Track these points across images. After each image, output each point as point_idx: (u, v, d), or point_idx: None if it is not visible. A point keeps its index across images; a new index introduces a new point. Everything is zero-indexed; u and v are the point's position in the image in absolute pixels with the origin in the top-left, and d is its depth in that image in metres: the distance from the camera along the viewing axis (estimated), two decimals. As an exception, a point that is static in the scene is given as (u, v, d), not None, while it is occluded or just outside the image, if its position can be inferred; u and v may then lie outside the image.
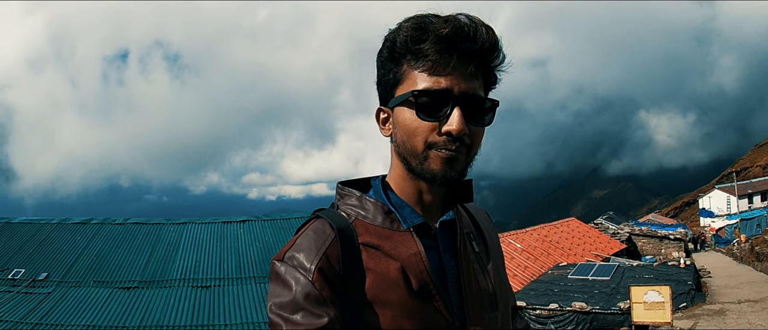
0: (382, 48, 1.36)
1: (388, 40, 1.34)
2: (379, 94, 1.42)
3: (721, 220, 55.54)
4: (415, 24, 1.28)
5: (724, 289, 20.53)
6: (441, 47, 1.26)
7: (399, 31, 1.31)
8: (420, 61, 1.29)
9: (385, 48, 1.35)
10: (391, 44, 1.33)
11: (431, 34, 1.26)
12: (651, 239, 39.86)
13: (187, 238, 21.69)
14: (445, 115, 1.28)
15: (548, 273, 23.86)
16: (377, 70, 1.40)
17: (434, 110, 1.29)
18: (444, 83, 1.28)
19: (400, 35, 1.30)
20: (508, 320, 1.54)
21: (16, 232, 21.65)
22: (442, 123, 1.29)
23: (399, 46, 1.31)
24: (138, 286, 18.29)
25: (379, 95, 1.43)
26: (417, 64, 1.30)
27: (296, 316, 1.22)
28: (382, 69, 1.38)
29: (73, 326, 15.48)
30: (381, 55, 1.37)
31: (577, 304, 17.98)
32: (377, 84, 1.42)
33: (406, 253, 1.34)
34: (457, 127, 1.27)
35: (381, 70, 1.39)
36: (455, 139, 1.28)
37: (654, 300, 14.78)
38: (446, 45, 1.26)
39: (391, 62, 1.34)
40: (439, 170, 1.31)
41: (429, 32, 1.27)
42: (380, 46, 1.37)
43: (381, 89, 1.41)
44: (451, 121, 1.28)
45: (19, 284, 18.20)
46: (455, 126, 1.27)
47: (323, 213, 1.39)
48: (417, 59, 1.29)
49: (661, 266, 24.10)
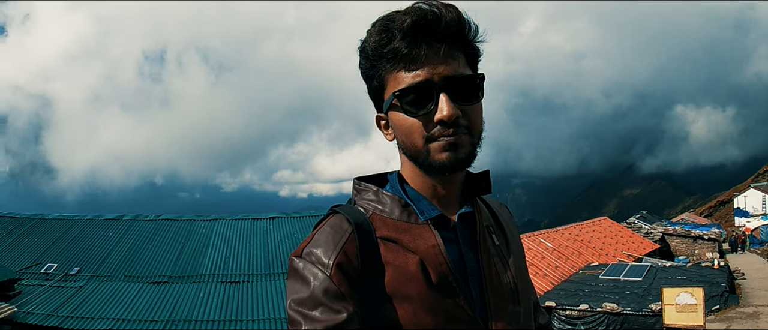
0: (359, 59, 1.37)
1: (362, 50, 1.34)
2: (373, 103, 1.43)
3: (756, 220, 54.65)
4: (380, 27, 1.29)
5: (759, 292, 20.21)
6: (408, 40, 1.26)
7: (368, 39, 1.31)
8: (393, 61, 1.29)
9: (361, 58, 1.36)
10: (364, 54, 1.34)
11: (396, 32, 1.26)
12: (684, 239, 39.42)
13: (217, 235, 21.96)
14: (433, 105, 1.28)
15: (579, 273, 23.67)
16: (364, 82, 1.41)
17: (421, 103, 1.29)
18: (422, 75, 1.27)
19: (370, 43, 1.30)
20: (529, 315, 1.51)
21: (49, 228, 22.11)
22: (433, 113, 1.28)
23: (371, 53, 1.31)
24: (168, 281, 18.56)
25: (374, 104, 1.43)
26: (392, 64, 1.30)
27: (315, 311, 1.22)
28: (366, 79, 1.39)
29: (104, 319, 15.72)
30: (360, 66, 1.37)
31: (607, 305, 17.80)
32: (368, 94, 1.42)
33: (424, 245, 1.33)
34: (448, 113, 1.26)
35: (365, 80, 1.39)
36: (449, 124, 1.27)
37: (686, 302, 14.58)
38: (412, 37, 1.26)
39: (371, 70, 1.34)
40: (445, 159, 1.30)
41: (393, 30, 1.27)
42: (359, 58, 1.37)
43: (372, 98, 1.42)
44: (440, 107, 1.27)
45: (52, 278, 18.55)
46: (446, 111, 1.26)
47: (340, 208, 1.40)
48: (390, 60, 1.29)
49: (694, 267, 23.79)
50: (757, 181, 74.83)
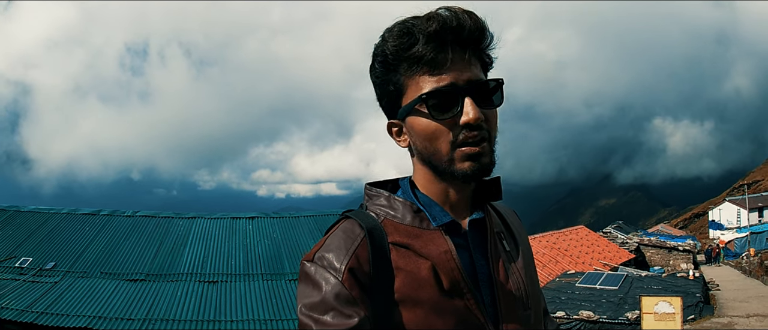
0: (374, 63, 1.36)
1: (378, 54, 1.33)
2: (385, 109, 1.42)
3: (730, 232, 55.26)
4: (400, 30, 1.29)
5: (733, 303, 20.46)
6: (434, 45, 1.26)
7: (386, 43, 1.31)
8: (417, 65, 1.29)
9: (376, 62, 1.35)
10: (382, 57, 1.32)
11: (420, 36, 1.26)
12: (660, 250, 39.81)
13: (195, 233, 21.78)
14: (458, 109, 1.29)
15: (556, 280, 23.81)
16: (375, 86, 1.40)
17: (447, 108, 1.29)
18: (447, 79, 1.28)
19: (389, 46, 1.30)
20: (540, 320, 1.52)
21: (25, 221, 21.78)
22: (458, 117, 1.29)
23: (391, 56, 1.30)
24: (145, 279, 18.37)
25: (384, 110, 1.43)
26: (414, 68, 1.30)
27: (326, 316, 1.22)
28: (379, 84, 1.38)
29: (79, 316, 15.54)
30: (374, 71, 1.37)
31: (584, 312, 17.92)
32: (380, 100, 1.42)
33: (436, 251, 1.33)
34: (474, 116, 1.27)
35: (379, 85, 1.38)
36: (475, 127, 1.29)
37: (664, 311, 14.71)
38: (438, 42, 1.26)
39: (388, 74, 1.34)
40: (468, 168, 1.31)
41: (416, 34, 1.27)
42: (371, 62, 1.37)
43: (385, 104, 1.41)
44: (466, 111, 1.28)
45: (26, 273, 18.28)
46: (472, 114, 1.27)
47: (352, 213, 1.39)
48: (413, 64, 1.29)
49: (669, 277, 24.04)
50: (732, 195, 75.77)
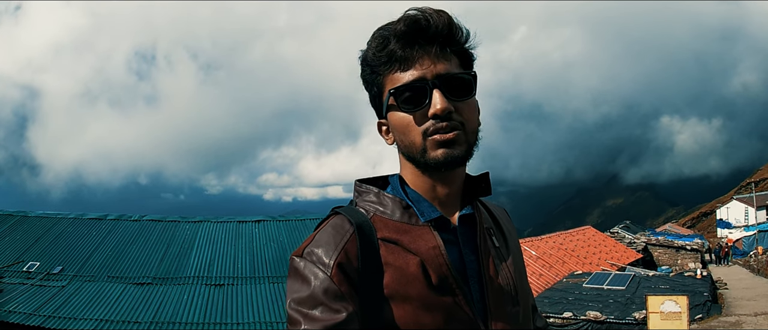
0: (361, 67, 1.43)
1: (362, 59, 1.42)
2: (375, 110, 1.48)
3: (738, 231, 54.97)
4: (377, 35, 1.37)
5: (741, 301, 20.33)
6: (402, 43, 1.33)
7: (368, 48, 1.39)
8: (390, 64, 1.36)
9: (362, 68, 1.43)
10: (365, 62, 1.41)
11: (391, 38, 1.34)
12: (667, 249, 39.63)
13: (202, 237, 21.85)
14: (427, 101, 1.33)
15: (563, 281, 23.76)
16: (366, 90, 1.47)
17: (417, 101, 1.34)
18: (416, 73, 1.34)
19: (370, 51, 1.38)
20: (528, 317, 1.54)
21: (32, 226, 21.89)
22: (428, 108, 1.33)
23: (370, 60, 1.38)
24: (152, 283, 18.44)
25: (376, 112, 1.48)
26: (389, 68, 1.36)
27: (315, 311, 1.23)
28: (367, 87, 1.45)
29: (87, 320, 15.60)
30: (363, 75, 1.44)
31: (591, 313, 17.89)
32: (370, 103, 1.48)
33: (425, 246, 1.35)
34: (441, 106, 1.31)
35: (367, 88, 1.46)
36: (443, 117, 1.33)
37: (671, 310, 14.66)
38: (406, 40, 1.33)
39: (371, 76, 1.41)
40: (440, 156, 1.34)
41: (389, 37, 1.34)
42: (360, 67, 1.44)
43: (374, 105, 1.47)
44: (433, 102, 1.32)
45: (34, 277, 18.38)
46: (439, 105, 1.31)
47: (342, 209, 1.42)
48: (387, 64, 1.36)
49: (677, 277, 23.93)
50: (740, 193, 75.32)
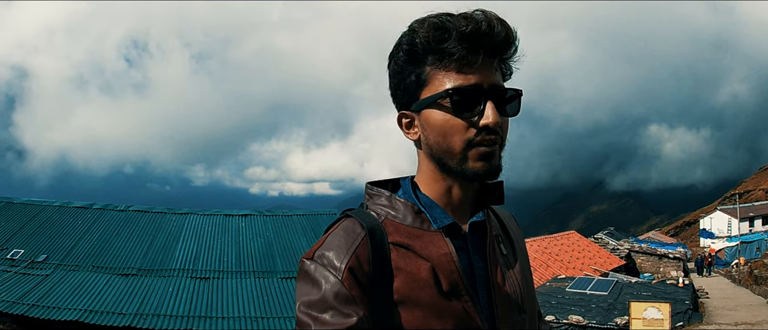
0: (397, 52, 1.36)
1: (405, 43, 1.32)
2: (398, 98, 1.41)
3: (721, 241, 55.37)
4: (435, 24, 1.28)
5: (722, 311, 20.50)
6: (466, 45, 1.27)
7: (416, 33, 1.30)
8: (445, 61, 1.29)
9: (401, 51, 1.34)
10: (409, 46, 1.32)
11: (454, 33, 1.26)
12: (650, 257, 39.85)
13: (188, 229, 21.72)
14: (479, 110, 1.29)
15: (546, 285, 23.84)
16: (392, 76, 1.39)
17: (469, 107, 1.30)
18: (473, 79, 1.29)
19: (420, 36, 1.29)
20: (535, 324, 1.53)
21: (17, 213, 21.66)
22: (478, 118, 1.30)
23: (420, 47, 1.29)
24: (137, 274, 18.32)
25: (397, 100, 1.41)
26: (442, 63, 1.29)
27: (325, 315, 1.22)
28: (399, 73, 1.36)
29: (70, 310, 15.49)
30: (396, 59, 1.36)
31: (573, 317, 17.98)
32: (395, 89, 1.40)
33: (436, 253, 1.33)
34: (494, 119, 1.28)
35: (398, 74, 1.37)
36: (493, 130, 1.30)
37: (653, 317, 14.79)
38: (471, 42, 1.27)
39: (412, 65, 1.33)
40: (482, 167, 1.32)
41: (450, 31, 1.26)
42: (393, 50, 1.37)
43: (401, 94, 1.39)
44: (487, 114, 1.29)
45: (18, 264, 18.20)
46: (492, 118, 1.28)
47: (353, 212, 1.39)
48: (442, 59, 1.29)
49: (659, 284, 24.07)
50: (724, 204, 75.80)
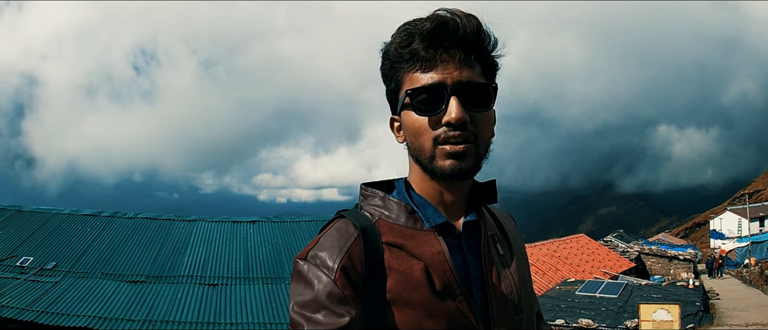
0: (382, 60, 1.41)
1: (384, 52, 1.39)
2: (390, 105, 1.46)
3: (731, 242, 55.12)
4: (402, 30, 1.34)
5: (733, 312, 20.41)
6: (427, 44, 1.30)
7: (391, 42, 1.36)
8: (411, 63, 1.33)
9: (383, 59, 1.40)
10: (386, 56, 1.38)
11: (416, 35, 1.31)
12: (660, 259, 39.70)
13: (196, 236, 21.78)
14: (443, 107, 1.30)
15: (555, 288, 23.78)
16: (384, 83, 1.44)
17: (432, 105, 1.31)
18: (436, 77, 1.31)
19: (392, 45, 1.35)
20: (532, 324, 1.53)
21: (26, 220, 21.78)
22: (443, 115, 1.31)
23: (392, 54, 1.35)
24: (145, 281, 18.37)
25: (390, 107, 1.46)
26: (410, 66, 1.33)
27: (318, 315, 1.23)
28: (385, 81, 1.43)
29: (80, 316, 15.54)
30: (382, 68, 1.41)
31: (583, 320, 17.90)
32: (386, 97, 1.45)
33: (429, 252, 1.34)
34: (456, 115, 1.29)
35: (385, 82, 1.43)
36: (456, 127, 1.30)
37: (663, 318, 14.73)
38: (431, 41, 1.30)
39: (391, 71, 1.38)
40: (447, 167, 1.32)
41: (414, 34, 1.31)
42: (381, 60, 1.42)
43: (389, 100, 1.45)
44: (449, 110, 1.30)
45: (27, 272, 18.28)
46: (454, 114, 1.29)
47: (347, 213, 1.41)
48: (408, 61, 1.33)
49: (669, 286, 24.00)
50: (734, 204, 75.39)
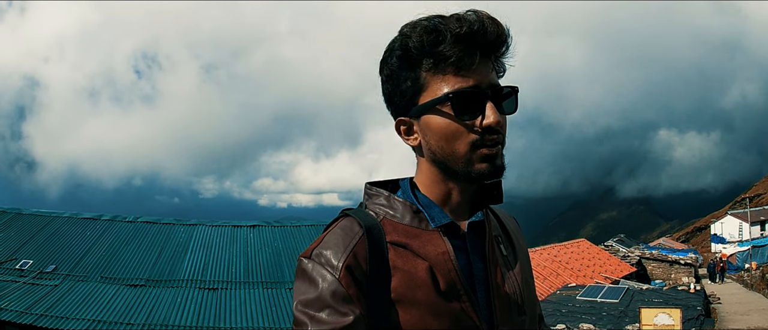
0: (390, 57, 1.34)
1: (397, 48, 1.31)
2: (395, 105, 1.39)
3: (732, 246, 55.13)
4: (427, 27, 1.27)
5: (734, 316, 20.43)
6: (462, 46, 1.26)
7: (409, 38, 1.28)
8: (441, 64, 1.28)
9: (394, 57, 1.32)
10: (403, 51, 1.30)
11: (448, 35, 1.25)
12: (661, 263, 39.75)
13: (196, 240, 21.81)
14: (479, 112, 1.29)
15: (556, 293, 23.80)
16: (385, 82, 1.38)
17: (470, 109, 1.29)
18: (472, 81, 1.28)
19: (413, 41, 1.27)
20: (535, 325, 1.52)
21: (26, 223, 21.83)
22: (479, 120, 1.29)
23: (415, 52, 1.28)
24: (145, 285, 18.40)
25: (394, 107, 1.40)
26: (439, 67, 1.28)
27: (322, 313, 1.21)
28: (394, 79, 1.35)
29: (79, 320, 15.54)
30: (390, 65, 1.34)
31: (584, 325, 17.88)
32: (390, 95, 1.38)
33: (434, 252, 1.33)
34: (495, 119, 1.28)
35: (392, 80, 1.35)
36: (495, 131, 1.29)
37: (664, 323, 14.69)
38: (466, 43, 1.26)
39: (406, 70, 1.31)
40: (488, 167, 1.31)
41: (444, 33, 1.26)
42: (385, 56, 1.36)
43: (397, 100, 1.37)
44: (488, 115, 1.28)
45: (27, 275, 18.31)
46: (493, 118, 1.28)
47: (351, 211, 1.39)
48: (438, 63, 1.28)
49: (670, 291, 24.00)
50: (734, 208, 75.41)
